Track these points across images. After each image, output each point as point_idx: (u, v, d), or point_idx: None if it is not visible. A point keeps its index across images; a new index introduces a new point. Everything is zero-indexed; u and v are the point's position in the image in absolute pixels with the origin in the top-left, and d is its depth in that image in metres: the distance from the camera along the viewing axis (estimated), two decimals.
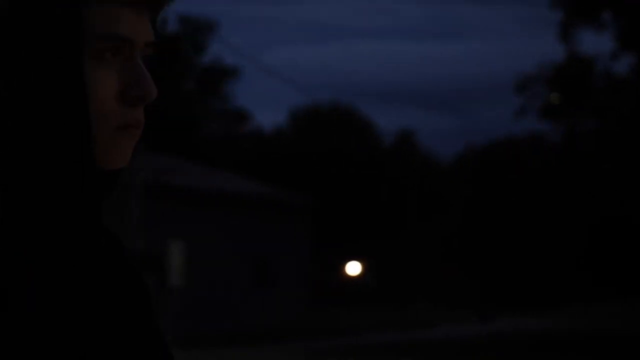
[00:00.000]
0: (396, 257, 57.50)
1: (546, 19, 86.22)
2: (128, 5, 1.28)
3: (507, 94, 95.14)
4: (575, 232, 53.13)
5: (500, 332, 33.10)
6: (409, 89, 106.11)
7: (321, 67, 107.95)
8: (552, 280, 54.14)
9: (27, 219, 1.24)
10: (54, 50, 1.24)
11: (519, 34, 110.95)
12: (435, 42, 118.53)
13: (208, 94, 60.10)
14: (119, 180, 1.35)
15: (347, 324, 39.71)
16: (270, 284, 36.16)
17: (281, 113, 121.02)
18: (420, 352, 25.36)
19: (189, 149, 56.71)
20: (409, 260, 55.66)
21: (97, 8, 1.26)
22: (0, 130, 1.24)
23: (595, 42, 66.37)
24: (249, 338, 30.80)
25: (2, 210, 1.23)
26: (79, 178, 1.27)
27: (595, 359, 24.01)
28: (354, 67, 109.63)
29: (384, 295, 58.16)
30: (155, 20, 1.35)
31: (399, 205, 56.53)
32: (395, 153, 63.60)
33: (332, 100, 66.71)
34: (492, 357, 24.27)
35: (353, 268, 55.68)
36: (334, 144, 60.67)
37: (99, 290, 1.24)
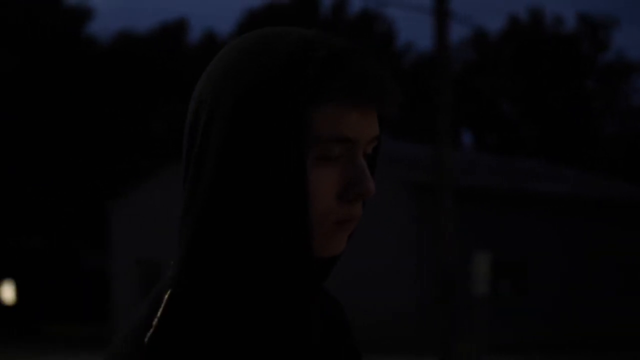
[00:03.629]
0: None
1: None
2: (354, 108, 1.30)
3: None
4: None
5: None
6: None
7: None
8: None
9: (239, 300, 1.32)
10: (279, 150, 1.28)
11: None
12: None
13: (610, 92, 58.61)
14: (334, 266, 1.41)
15: None
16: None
17: None
18: None
19: (588, 149, 55.61)
20: None
21: (322, 110, 1.29)
22: (224, 219, 1.30)
23: None
24: (624, 346, 29.79)
25: (220, 291, 1.32)
26: (295, 269, 1.32)
27: None
28: None
29: None
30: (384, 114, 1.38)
31: None
32: None
33: None
34: None
35: None
36: None
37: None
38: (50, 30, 47.95)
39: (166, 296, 1.31)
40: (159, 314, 1.29)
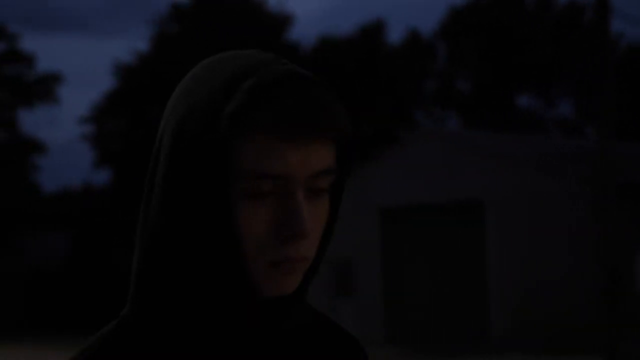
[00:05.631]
0: None
1: None
2: (283, 141, 1.21)
3: None
4: None
5: None
6: None
7: None
8: None
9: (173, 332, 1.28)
10: (204, 185, 1.22)
11: None
12: None
13: None
14: (294, 304, 1.31)
15: None
16: None
17: None
18: None
19: None
20: None
21: (248, 144, 1.21)
22: (164, 255, 1.27)
23: None
24: None
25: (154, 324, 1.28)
26: (236, 306, 1.27)
27: None
28: None
29: None
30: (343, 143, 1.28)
31: None
32: None
33: None
34: None
35: None
36: None
37: None
38: (253, 39, 49.50)
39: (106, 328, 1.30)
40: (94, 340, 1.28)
